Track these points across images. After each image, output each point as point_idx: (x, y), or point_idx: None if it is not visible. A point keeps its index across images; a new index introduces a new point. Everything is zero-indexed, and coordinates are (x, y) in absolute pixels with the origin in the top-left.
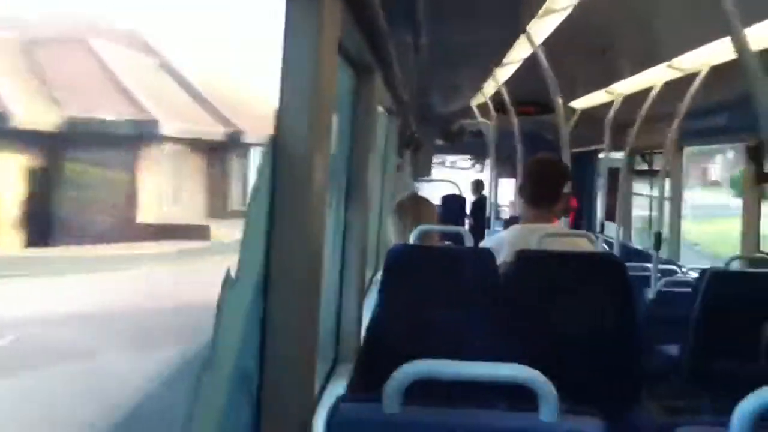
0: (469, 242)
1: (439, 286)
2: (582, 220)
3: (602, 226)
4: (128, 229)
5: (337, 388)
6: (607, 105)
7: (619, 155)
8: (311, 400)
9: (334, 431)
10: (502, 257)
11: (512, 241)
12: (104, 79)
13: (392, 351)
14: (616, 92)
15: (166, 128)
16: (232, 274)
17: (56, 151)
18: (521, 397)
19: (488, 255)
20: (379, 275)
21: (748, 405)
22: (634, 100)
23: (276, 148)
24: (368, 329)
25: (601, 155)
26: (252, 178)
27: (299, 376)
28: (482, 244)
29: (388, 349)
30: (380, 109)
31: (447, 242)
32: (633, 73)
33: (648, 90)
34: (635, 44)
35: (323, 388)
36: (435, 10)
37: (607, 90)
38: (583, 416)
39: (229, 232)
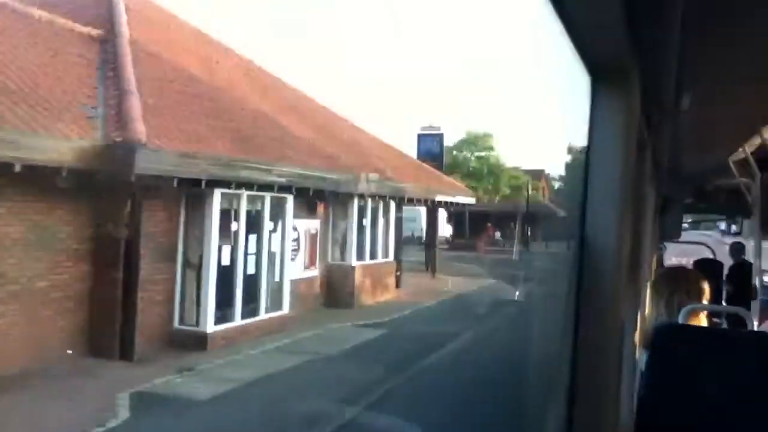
0: (750, 325)
1: (713, 375)
2: None
3: None
4: None
5: None
6: None
7: None
8: None
9: None
10: None
11: None
12: None
13: None
14: None
15: None
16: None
17: None
18: None
19: None
20: (637, 353)
21: None
22: None
23: (584, 240)
24: (638, 414)
25: None
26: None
27: None
28: (765, 327)
29: None
30: None
31: (715, 320)
32: None
33: None
34: None
35: None
36: (702, 74)
37: None
38: None
39: None
